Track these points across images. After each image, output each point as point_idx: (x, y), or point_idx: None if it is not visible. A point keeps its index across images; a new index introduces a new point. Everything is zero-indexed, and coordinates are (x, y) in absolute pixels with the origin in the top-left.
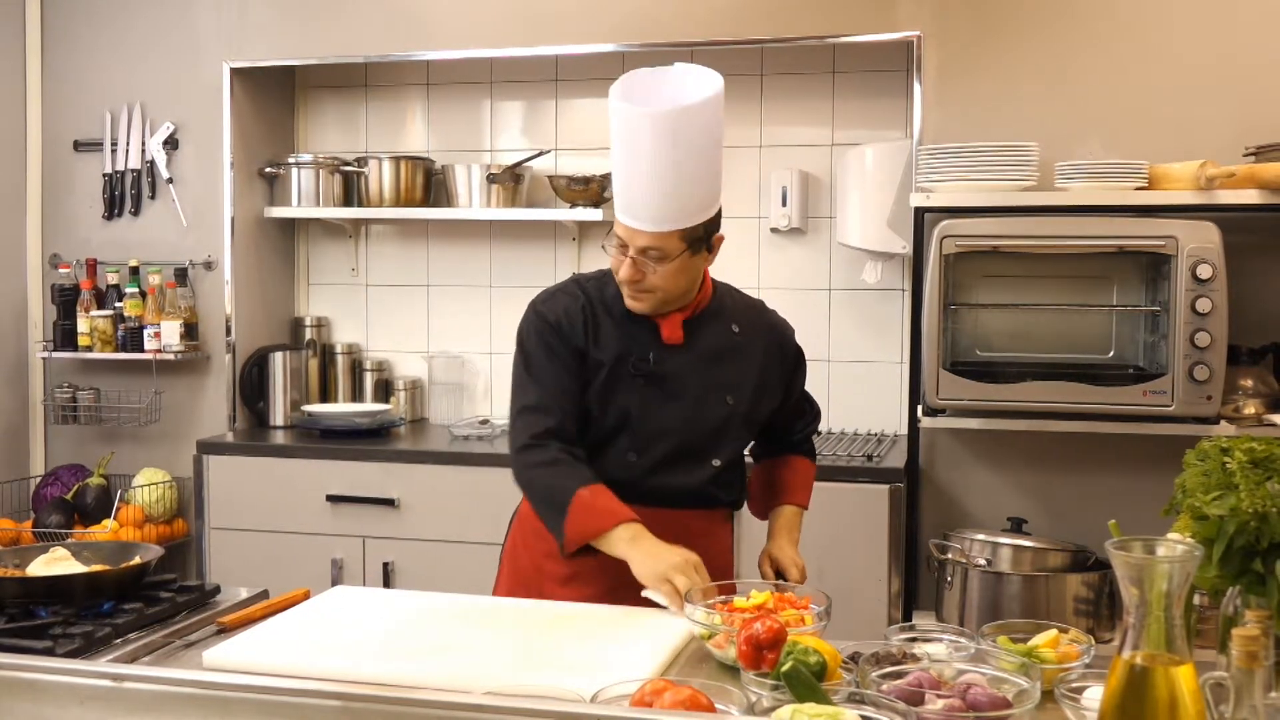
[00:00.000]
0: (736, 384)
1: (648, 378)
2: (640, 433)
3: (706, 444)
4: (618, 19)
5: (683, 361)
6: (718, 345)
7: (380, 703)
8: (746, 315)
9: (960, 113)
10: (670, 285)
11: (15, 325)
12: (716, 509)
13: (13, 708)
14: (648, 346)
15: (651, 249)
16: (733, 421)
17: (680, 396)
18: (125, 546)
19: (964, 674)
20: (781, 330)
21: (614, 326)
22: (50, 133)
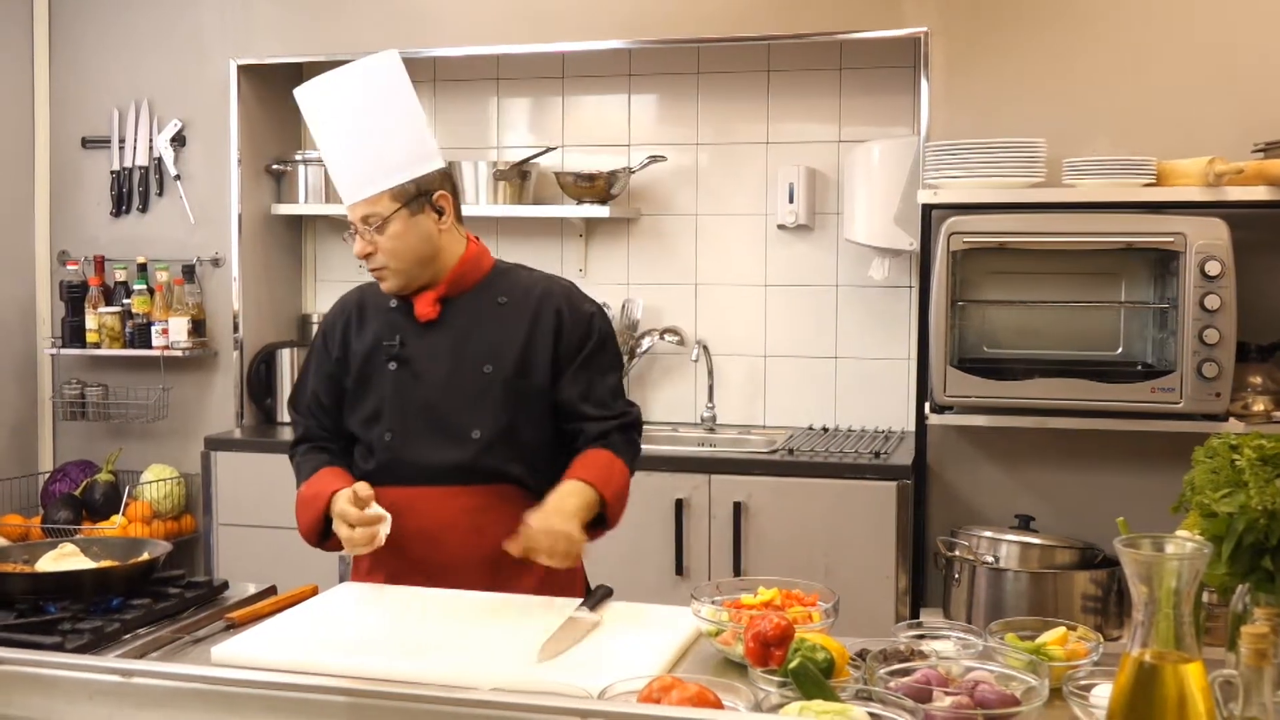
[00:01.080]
0: (496, 352)
1: (397, 360)
2: (393, 412)
3: (464, 416)
4: (624, 15)
5: (435, 339)
6: (477, 317)
7: (387, 699)
8: (524, 287)
9: (967, 109)
10: (399, 248)
11: (24, 322)
12: (495, 485)
13: (24, 702)
14: (401, 330)
15: (369, 216)
16: (492, 390)
17: (431, 373)
18: (134, 543)
19: (972, 671)
20: (564, 299)
21: (378, 318)
22: (58, 130)
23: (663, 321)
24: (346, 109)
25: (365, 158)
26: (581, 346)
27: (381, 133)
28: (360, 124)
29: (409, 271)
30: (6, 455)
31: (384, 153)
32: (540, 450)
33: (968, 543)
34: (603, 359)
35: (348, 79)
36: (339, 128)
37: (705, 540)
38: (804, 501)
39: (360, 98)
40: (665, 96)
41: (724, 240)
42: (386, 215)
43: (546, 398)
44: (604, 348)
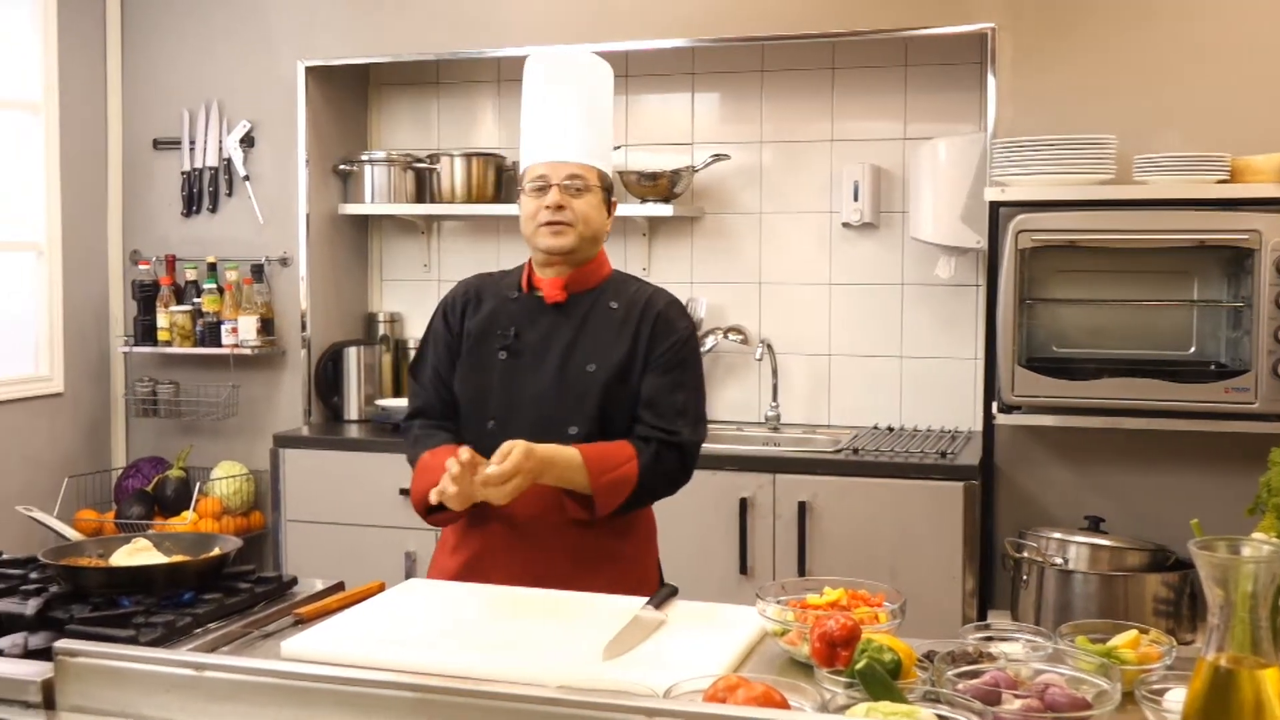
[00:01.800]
0: (601, 353)
1: (509, 350)
2: (500, 402)
3: (565, 412)
4: (687, 14)
5: (548, 334)
6: (589, 317)
7: (455, 695)
8: (633, 297)
9: (1035, 105)
10: (589, 217)
11: (97, 321)
12: None
13: (98, 694)
14: (516, 320)
15: (577, 177)
16: (592, 390)
17: (539, 367)
18: (205, 538)
19: (1041, 674)
20: (665, 308)
21: (494, 305)
22: (130, 132)
23: (726, 320)
24: (577, 84)
25: (590, 128)
26: (662, 354)
27: (600, 118)
28: (586, 103)
29: (583, 239)
30: (81, 452)
31: (600, 135)
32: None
33: (1036, 544)
34: (679, 375)
35: (578, 63)
36: (568, 94)
37: (769, 540)
38: (869, 501)
39: (589, 82)
40: (728, 95)
41: (788, 239)
42: (590, 186)
43: (632, 404)
44: (682, 364)
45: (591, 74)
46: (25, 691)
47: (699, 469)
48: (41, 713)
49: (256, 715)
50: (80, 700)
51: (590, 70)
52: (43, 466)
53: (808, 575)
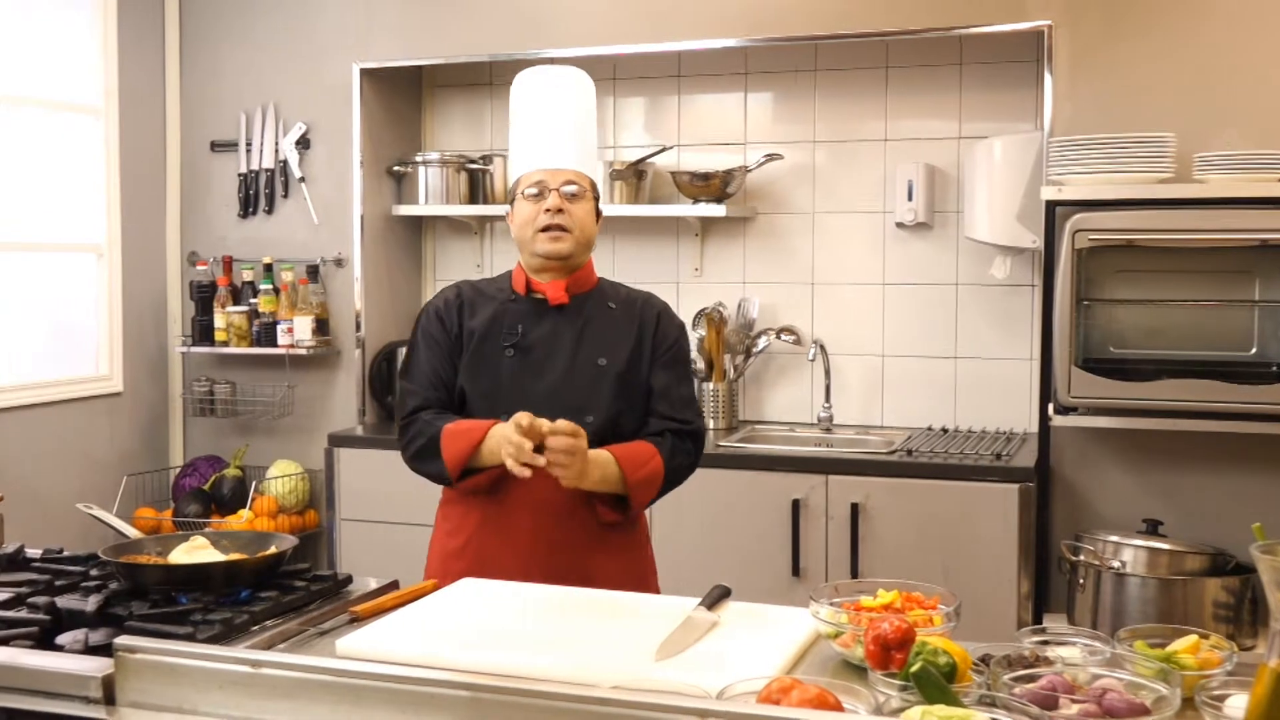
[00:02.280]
0: (609, 347)
1: (516, 347)
2: (512, 398)
3: (581, 402)
4: (740, 14)
5: (555, 330)
6: (592, 315)
7: (509, 694)
8: (629, 297)
9: (1093, 104)
10: (584, 222)
11: (156, 321)
12: None
13: (157, 690)
14: (520, 319)
15: (572, 183)
16: (605, 380)
17: (549, 363)
18: (261, 536)
19: (1099, 679)
20: (663, 309)
21: (491, 306)
22: (189, 134)
23: (779, 321)
24: (567, 93)
25: (580, 139)
26: (667, 349)
27: (588, 132)
28: (576, 115)
29: (579, 244)
30: (140, 450)
31: (591, 147)
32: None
33: (1093, 547)
34: (682, 369)
35: (567, 73)
36: (561, 104)
37: (822, 541)
38: (923, 503)
39: (577, 95)
40: (781, 94)
41: (841, 239)
42: (586, 191)
43: (643, 396)
44: (684, 359)
45: (579, 88)
46: (86, 687)
47: (751, 469)
48: (101, 708)
49: (311, 713)
50: (139, 696)
51: (578, 85)
52: (102, 465)
53: (860, 577)
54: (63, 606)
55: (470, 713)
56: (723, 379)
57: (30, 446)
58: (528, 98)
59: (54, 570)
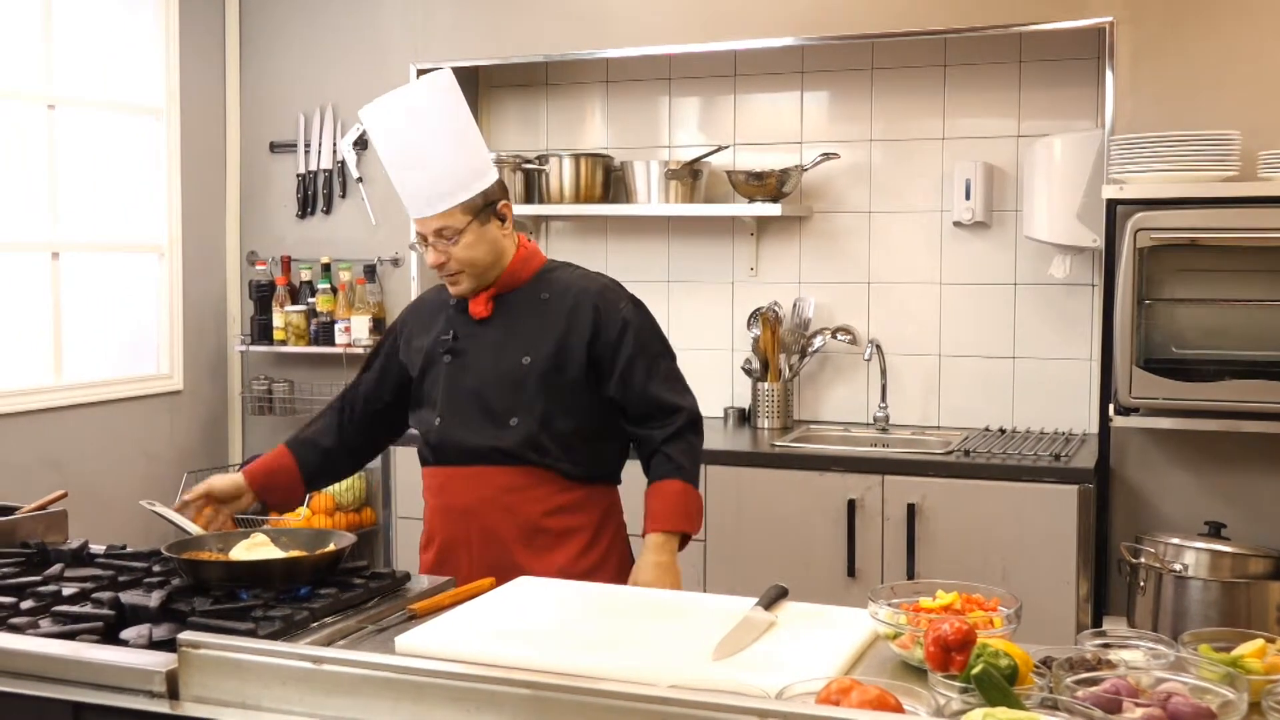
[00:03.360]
0: (534, 343)
1: (451, 351)
2: (445, 400)
3: (505, 404)
4: (796, 13)
5: (485, 333)
6: (521, 312)
7: (569, 693)
8: (565, 283)
9: (1155, 101)
10: (472, 256)
11: (215, 320)
12: (529, 466)
13: (219, 685)
14: (456, 325)
15: (443, 229)
16: (530, 380)
17: (478, 363)
18: (320, 533)
19: (1163, 683)
20: (601, 294)
21: (438, 318)
22: (248, 135)
23: (835, 320)
24: (414, 128)
25: (436, 174)
26: (619, 346)
27: (449, 150)
28: (428, 142)
29: (481, 275)
30: (200, 448)
31: (454, 169)
32: (578, 436)
33: (1154, 549)
34: (645, 362)
35: (410, 99)
36: (407, 146)
37: (878, 542)
38: (980, 504)
39: (425, 117)
40: (838, 93)
41: (898, 238)
42: (461, 228)
43: (584, 390)
44: (643, 347)
45: (428, 103)
46: (150, 681)
47: (806, 470)
48: (165, 702)
49: (372, 709)
50: (202, 691)
51: (426, 99)
52: (163, 462)
53: (916, 579)
54: (126, 602)
55: (531, 711)
56: (778, 379)
57: (93, 444)
58: (381, 144)
59: (117, 566)
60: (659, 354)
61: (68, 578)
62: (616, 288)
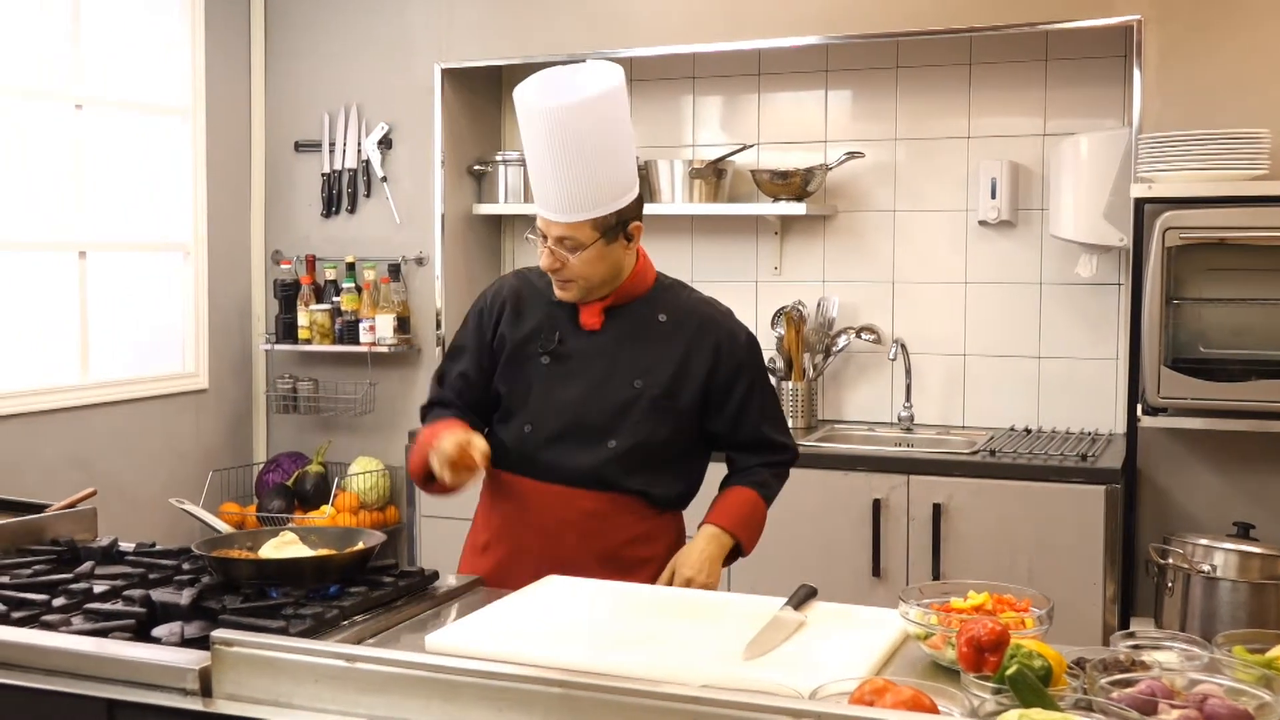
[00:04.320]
0: (649, 368)
1: (552, 355)
2: (537, 406)
3: (605, 424)
4: (820, 11)
5: (593, 343)
6: (636, 330)
7: (600, 691)
8: (684, 307)
9: (1183, 99)
10: (589, 272)
11: (241, 319)
12: (617, 493)
13: (252, 683)
14: (561, 327)
15: (566, 238)
16: (639, 404)
17: (583, 375)
18: (348, 532)
19: (1198, 684)
20: (722, 325)
21: (540, 308)
22: (273, 135)
23: (859, 319)
24: (569, 121)
25: (579, 180)
26: (734, 383)
27: (599, 159)
28: (580, 143)
29: (589, 288)
30: (225, 446)
31: (599, 180)
32: (669, 464)
33: (1182, 550)
34: (761, 397)
35: (582, 87)
36: (557, 139)
37: (903, 542)
38: (1006, 504)
39: (584, 114)
40: (862, 92)
41: (923, 237)
42: (586, 243)
43: (689, 419)
44: (759, 386)
45: (593, 98)
46: (183, 679)
47: (831, 469)
48: (198, 699)
49: (404, 706)
50: (235, 689)
51: (591, 91)
52: (188, 460)
53: (942, 579)
54: (157, 600)
55: (562, 710)
56: (802, 378)
57: (119, 442)
58: (526, 129)
59: (147, 564)
60: (770, 391)
61: (98, 575)
62: (734, 319)
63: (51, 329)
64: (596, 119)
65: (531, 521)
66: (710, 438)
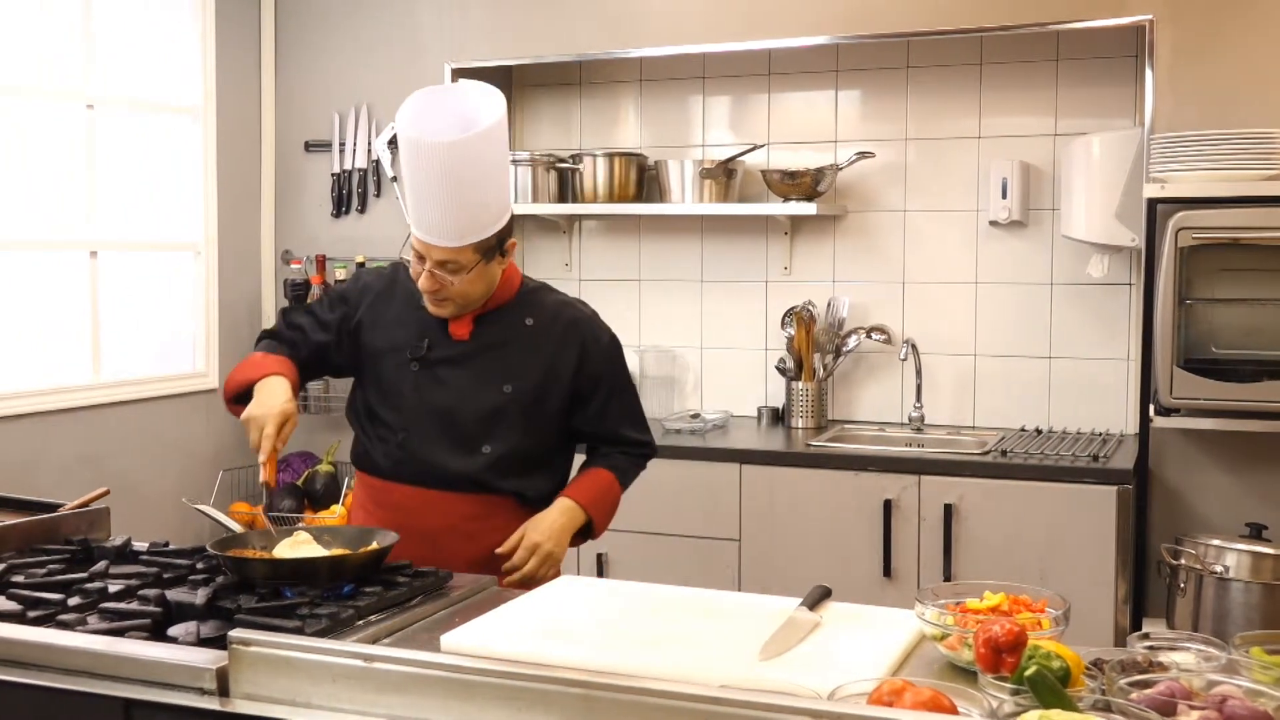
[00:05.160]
0: (518, 373)
1: (422, 362)
2: (410, 413)
3: (478, 430)
4: (831, 11)
5: (463, 351)
6: (504, 336)
7: (620, 692)
8: (548, 310)
9: (1195, 99)
10: (469, 291)
11: (250, 319)
12: (495, 495)
13: (269, 683)
14: (431, 334)
15: (448, 262)
16: (510, 410)
17: (452, 382)
18: (363, 532)
19: (1217, 685)
20: (586, 327)
21: (410, 312)
22: (283, 135)
23: (869, 320)
24: (459, 154)
25: (464, 208)
26: (600, 381)
27: (484, 187)
28: (468, 174)
29: (463, 305)
30: (234, 446)
31: (480, 207)
32: (540, 464)
33: (1194, 551)
34: (622, 399)
35: (461, 116)
36: (447, 171)
37: (914, 542)
38: (1018, 505)
39: (472, 146)
40: (872, 92)
41: (933, 237)
42: (469, 266)
43: (557, 421)
44: (621, 386)
45: (473, 147)
46: (201, 678)
47: (842, 469)
48: (215, 699)
49: (422, 707)
50: (252, 688)
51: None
52: (198, 459)
53: (954, 580)
54: (172, 599)
55: (580, 710)
56: (812, 378)
57: (129, 441)
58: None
59: (161, 563)
60: (630, 392)
61: (112, 575)
62: (599, 320)
63: (63, 328)
64: (483, 148)
65: (414, 527)
66: (573, 433)
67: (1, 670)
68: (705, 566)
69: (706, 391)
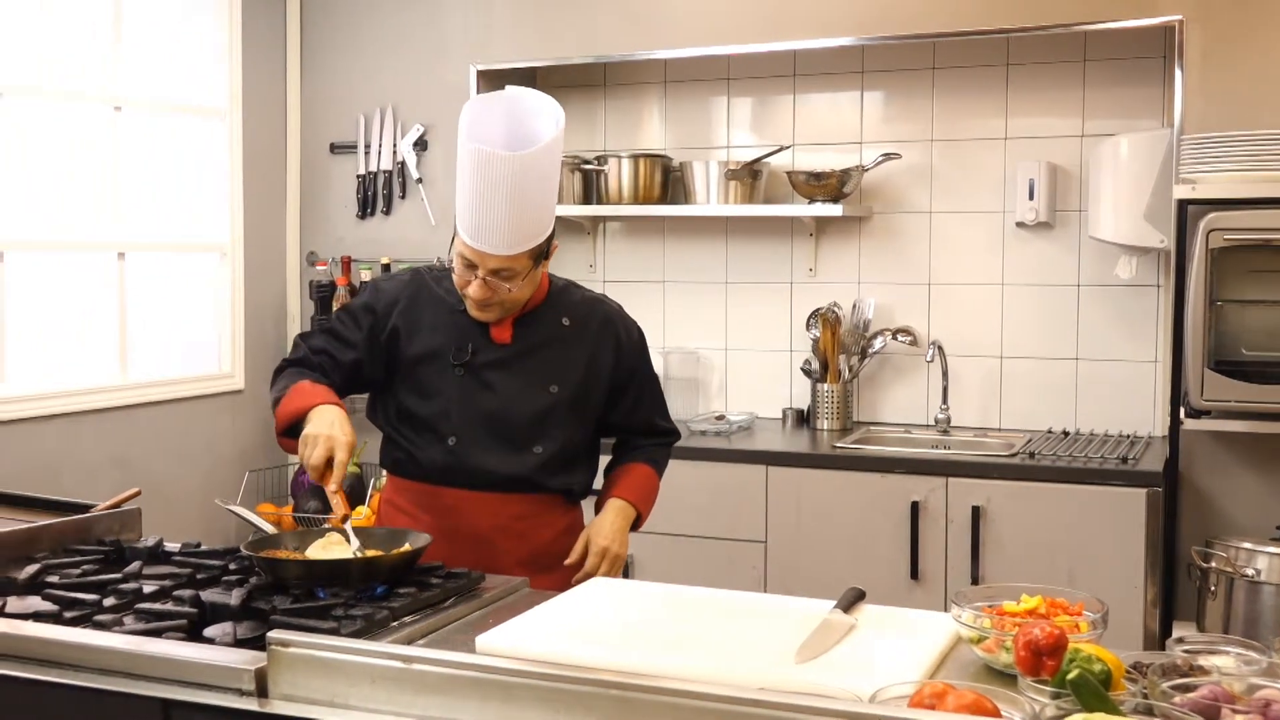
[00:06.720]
0: (561, 372)
1: (467, 368)
2: (458, 419)
3: (528, 432)
4: (857, 12)
5: (506, 353)
6: (545, 337)
7: (657, 694)
8: (581, 308)
9: (1225, 100)
10: (521, 297)
11: (275, 320)
12: (544, 494)
13: (307, 684)
14: (472, 339)
15: (503, 270)
16: (557, 410)
17: (499, 386)
18: (395, 533)
19: (1259, 689)
20: (618, 321)
21: (444, 317)
22: (309, 136)
23: (894, 321)
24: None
25: (524, 216)
26: (634, 375)
27: (544, 194)
28: (533, 184)
29: (509, 310)
30: (261, 447)
31: (537, 215)
32: (581, 459)
33: (1225, 554)
34: (652, 389)
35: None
36: (515, 182)
37: (941, 544)
38: (1046, 507)
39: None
40: (898, 93)
41: (959, 238)
42: (523, 273)
43: (596, 416)
44: (650, 377)
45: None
46: (239, 679)
47: (868, 471)
48: (254, 700)
49: (459, 708)
50: (290, 689)
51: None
52: (224, 460)
53: (981, 582)
54: (207, 600)
55: (619, 712)
56: (837, 380)
57: (157, 442)
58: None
59: (194, 564)
60: (656, 382)
61: (146, 575)
62: (626, 314)
63: (91, 329)
64: (545, 160)
65: (465, 529)
66: (607, 426)
67: (39, 670)
68: (731, 569)
69: (731, 393)
